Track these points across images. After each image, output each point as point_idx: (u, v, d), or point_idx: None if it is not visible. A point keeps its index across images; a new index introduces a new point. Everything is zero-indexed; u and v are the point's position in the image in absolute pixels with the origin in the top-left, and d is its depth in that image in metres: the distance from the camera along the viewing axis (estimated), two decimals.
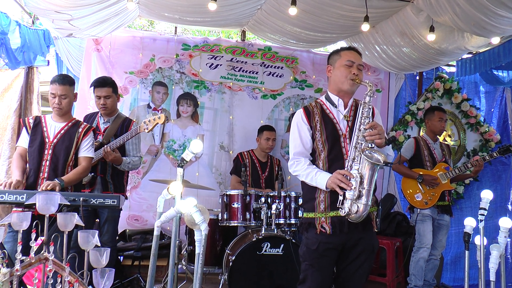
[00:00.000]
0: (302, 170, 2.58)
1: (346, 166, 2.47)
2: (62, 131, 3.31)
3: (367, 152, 2.38)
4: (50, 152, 3.24)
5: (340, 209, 2.42)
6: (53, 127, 3.32)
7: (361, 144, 2.44)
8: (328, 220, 2.50)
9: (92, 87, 3.88)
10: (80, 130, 3.35)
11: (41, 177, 3.18)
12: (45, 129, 3.30)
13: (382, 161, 2.34)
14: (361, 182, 2.37)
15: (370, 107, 2.53)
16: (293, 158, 2.65)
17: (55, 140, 3.27)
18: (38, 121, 3.33)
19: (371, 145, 2.43)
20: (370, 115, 2.52)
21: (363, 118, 2.50)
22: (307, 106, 2.71)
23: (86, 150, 3.34)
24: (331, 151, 2.55)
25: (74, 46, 5.15)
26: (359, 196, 2.36)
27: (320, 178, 2.49)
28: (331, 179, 2.44)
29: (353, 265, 2.56)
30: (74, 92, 3.39)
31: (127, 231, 4.85)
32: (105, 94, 3.80)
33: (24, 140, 3.33)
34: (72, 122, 3.39)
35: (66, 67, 5.26)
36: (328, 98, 2.69)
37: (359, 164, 2.41)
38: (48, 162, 3.21)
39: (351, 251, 2.54)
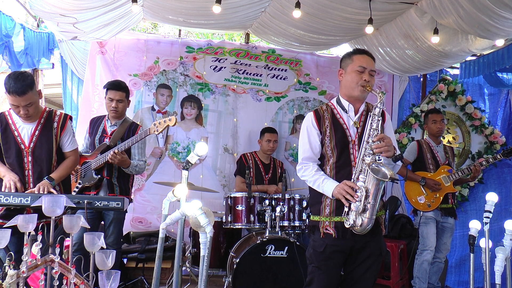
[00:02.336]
0: (310, 176, 2.58)
1: (352, 177, 2.46)
2: (37, 133, 3.04)
3: (374, 166, 2.37)
4: (30, 159, 3.00)
5: (345, 220, 2.42)
6: (25, 129, 3.02)
7: (369, 156, 2.43)
8: (332, 224, 2.50)
9: (105, 89, 3.92)
10: (55, 125, 3.09)
11: (28, 188, 3.00)
12: (16, 133, 3.00)
13: (388, 177, 2.32)
14: (367, 197, 2.36)
15: (379, 119, 2.49)
16: (301, 163, 2.65)
17: (32, 145, 3.01)
18: (5, 124, 2.98)
19: (379, 158, 2.41)
20: (379, 127, 2.49)
21: (371, 130, 2.47)
22: (317, 110, 2.69)
23: (70, 144, 3.16)
24: (339, 158, 2.54)
25: (79, 49, 5.18)
26: (364, 210, 2.36)
27: (327, 186, 2.50)
28: (338, 190, 2.44)
29: (360, 268, 2.55)
30: (37, 89, 3.00)
31: (131, 233, 4.86)
32: (119, 98, 3.84)
33: None
34: (44, 117, 3.07)
35: (70, 69, 5.28)
36: (339, 102, 2.67)
37: (366, 177, 2.40)
38: (30, 171, 3.01)
39: (358, 254, 2.54)
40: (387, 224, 2.59)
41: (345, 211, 2.42)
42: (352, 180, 2.45)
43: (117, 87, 3.87)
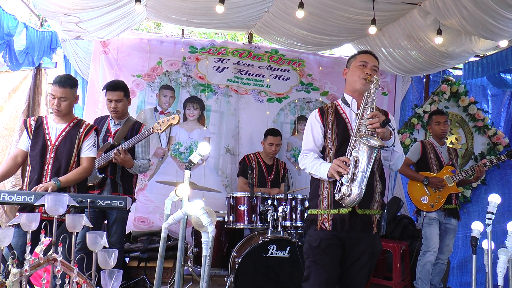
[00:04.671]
0: (309, 162, 2.66)
1: (346, 153, 2.51)
2: (64, 133, 3.26)
3: (364, 137, 2.42)
4: (52, 155, 3.20)
5: (335, 194, 2.46)
6: (55, 128, 3.27)
7: (362, 131, 2.49)
8: (330, 217, 2.55)
9: (104, 90, 3.92)
10: (81, 130, 3.31)
11: (44, 182, 3.14)
12: (46, 131, 3.25)
13: (377, 145, 2.37)
14: (356, 166, 2.41)
15: (374, 98, 2.55)
16: (303, 153, 2.74)
17: (57, 143, 3.23)
18: (40, 123, 3.28)
19: (373, 134, 2.46)
20: (374, 105, 2.55)
21: (366, 107, 2.54)
22: (322, 107, 2.79)
23: (87, 150, 3.30)
24: (339, 149, 2.60)
25: (82, 48, 5.18)
26: (353, 179, 2.40)
27: (323, 168, 2.56)
28: (331, 166, 2.50)
29: (356, 266, 2.59)
30: (76, 94, 3.33)
31: (132, 233, 4.86)
32: (117, 98, 3.83)
33: (24, 142, 3.30)
34: (74, 122, 3.34)
35: (74, 69, 5.28)
36: (343, 99, 2.77)
37: (358, 151, 2.44)
38: (50, 166, 3.18)
39: (352, 251, 2.58)
40: (383, 224, 2.59)
41: (338, 186, 2.46)
42: (346, 155, 2.50)
43: (114, 87, 3.85)
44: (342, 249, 2.58)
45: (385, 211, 2.62)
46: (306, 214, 4.01)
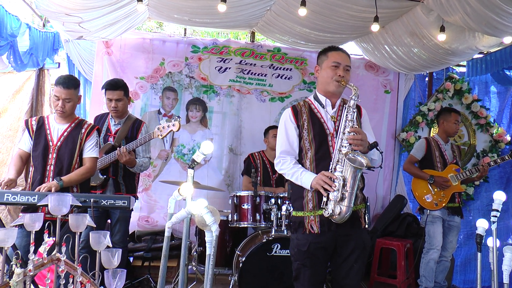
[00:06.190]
0: (288, 169, 2.64)
1: (330, 167, 2.51)
2: (66, 133, 3.27)
3: (350, 155, 2.42)
4: (54, 156, 3.20)
5: (323, 209, 2.47)
6: (57, 129, 3.27)
7: (345, 147, 2.48)
8: (317, 218, 2.53)
9: (104, 89, 3.91)
10: (83, 131, 3.31)
11: (46, 182, 3.13)
12: (48, 131, 3.26)
13: (365, 165, 2.39)
14: (344, 185, 2.42)
15: (354, 110, 2.56)
16: (279, 157, 2.70)
17: (59, 143, 3.23)
18: (41, 123, 3.28)
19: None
20: (355, 118, 2.55)
21: (347, 121, 2.53)
22: (295, 106, 2.75)
23: (90, 151, 3.30)
24: (318, 150, 2.59)
25: (85, 49, 5.18)
26: (342, 199, 2.42)
27: (305, 178, 2.55)
28: (316, 180, 2.49)
29: (347, 263, 2.58)
30: (79, 94, 3.33)
31: (136, 232, 4.88)
32: (117, 97, 3.81)
33: (25, 143, 3.30)
34: (75, 122, 3.34)
35: (77, 70, 5.28)
36: (316, 98, 2.73)
37: (343, 167, 2.45)
38: (52, 166, 3.18)
39: (342, 248, 2.57)
40: (369, 217, 2.63)
41: (324, 201, 2.47)
42: (329, 170, 2.50)
43: (114, 86, 3.83)
44: (332, 248, 2.57)
45: (368, 204, 2.64)
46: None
